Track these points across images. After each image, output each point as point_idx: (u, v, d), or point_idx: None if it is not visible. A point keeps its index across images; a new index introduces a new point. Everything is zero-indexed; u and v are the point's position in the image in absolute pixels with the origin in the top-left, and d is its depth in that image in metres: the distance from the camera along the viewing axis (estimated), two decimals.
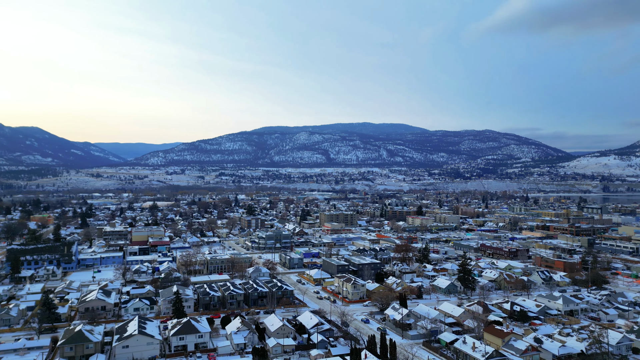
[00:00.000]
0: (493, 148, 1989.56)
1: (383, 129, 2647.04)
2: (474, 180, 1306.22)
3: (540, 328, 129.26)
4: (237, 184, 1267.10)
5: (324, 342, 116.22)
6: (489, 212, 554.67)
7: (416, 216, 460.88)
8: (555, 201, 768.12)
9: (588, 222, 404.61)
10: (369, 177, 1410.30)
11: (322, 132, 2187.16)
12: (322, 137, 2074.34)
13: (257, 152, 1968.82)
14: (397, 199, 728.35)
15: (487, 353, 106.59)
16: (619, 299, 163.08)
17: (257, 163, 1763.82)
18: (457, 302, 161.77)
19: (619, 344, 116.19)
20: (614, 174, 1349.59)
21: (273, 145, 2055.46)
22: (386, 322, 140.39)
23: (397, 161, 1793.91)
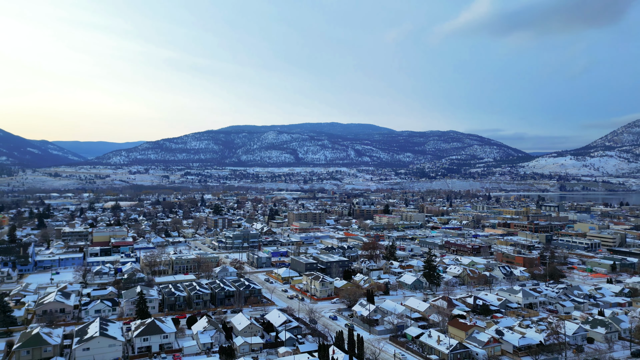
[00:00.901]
0: (457, 148, 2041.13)
1: (351, 129, 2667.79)
2: (439, 180, 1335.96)
3: (502, 321, 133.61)
4: (203, 184, 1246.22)
5: (292, 340, 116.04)
6: (453, 210, 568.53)
7: (383, 215, 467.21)
8: (516, 200, 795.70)
9: (546, 220, 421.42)
10: (337, 176, 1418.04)
11: (290, 132, 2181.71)
12: (291, 136, 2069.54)
13: (224, 152, 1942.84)
14: (364, 198, 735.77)
15: (452, 345, 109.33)
16: (575, 292, 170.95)
17: (224, 162, 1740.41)
18: (422, 297, 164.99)
19: (575, 334, 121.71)
20: (570, 174, 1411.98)
21: (240, 144, 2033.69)
22: (354, 318, 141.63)
23: (364, 161, 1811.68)
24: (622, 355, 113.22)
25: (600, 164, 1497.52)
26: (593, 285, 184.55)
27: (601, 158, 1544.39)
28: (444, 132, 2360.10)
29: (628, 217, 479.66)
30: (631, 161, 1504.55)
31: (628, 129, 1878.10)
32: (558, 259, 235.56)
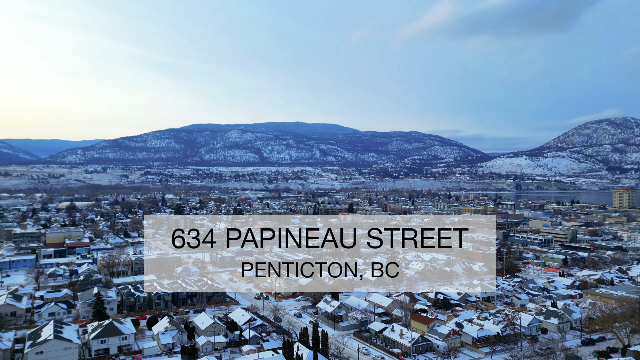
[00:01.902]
0: (419, 149, 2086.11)
1: (316, 128, 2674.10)
2: (402, 179, 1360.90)
3: (461, 314, 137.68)
4: (164, 183, 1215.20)
5: (256, 338, 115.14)
6: (415, 209, 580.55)
7: (348, 213, 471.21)
8: (475, 198, 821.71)
9: (503, 217, 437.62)
10: (303, 176, 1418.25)
11: (255, 131, 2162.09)
12: (255, 135, 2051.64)
13: (186, 151, 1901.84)
14: (329, 197, 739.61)
15: (414, 339, 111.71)
16: (530, 285, 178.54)
17: (186, 162, 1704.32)
18: (386, 293, 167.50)
19: (529, 325, 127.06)
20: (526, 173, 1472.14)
21: (203, 143, 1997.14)
22: (318, 315, 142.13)
23: (329, 160, 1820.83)
24: (573, 344, 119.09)
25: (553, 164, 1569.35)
26: (547, 279, 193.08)
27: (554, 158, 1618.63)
28: (407, 132, 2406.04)
29: (579, 215, 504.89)
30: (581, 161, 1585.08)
31: (579, 131, 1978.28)
32: (514, 254, 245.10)
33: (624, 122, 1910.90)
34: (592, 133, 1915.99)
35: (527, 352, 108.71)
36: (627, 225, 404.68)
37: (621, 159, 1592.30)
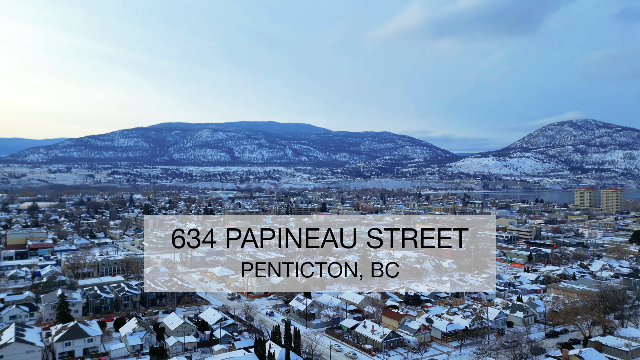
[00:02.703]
0: (390, 149, 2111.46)
1: (288, 128, 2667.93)
2: (373, 179, 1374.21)
3: (431, 309, 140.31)
4: (132, 183, 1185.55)
5: (227, 337, 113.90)
6: (387, 208, 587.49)
7: (320, 213, 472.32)
8: (444, 197, 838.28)
9: (471, 215, 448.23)
10: (275, 175, 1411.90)
11: (226, 130, 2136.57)
12: (227, 135, 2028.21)
13: (154, 150, 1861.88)
14: (302, 197, 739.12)
15: (385, 334, 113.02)
16: (497, 280, 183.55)
17: (154, 161, 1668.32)
18: (358, 290, 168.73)
19: (496, 319, 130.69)
20: (493, 173, 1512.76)
21: (173, 142, 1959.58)
22: (291, 313, 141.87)
23: (302, 160, 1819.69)
24: (538, 337, 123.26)
25: (519, 164, 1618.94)
26: (512, 274, 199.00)
27: (519, 159, 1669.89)
28: (378, 132, 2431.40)
29: (543, 213, 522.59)
30: (545, 162, 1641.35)
31: (543, 132, 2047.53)
32: (482, 251, 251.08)
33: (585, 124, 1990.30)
34: (555, 134, 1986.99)
35: (494, 345, 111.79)
36: (588, 223, 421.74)
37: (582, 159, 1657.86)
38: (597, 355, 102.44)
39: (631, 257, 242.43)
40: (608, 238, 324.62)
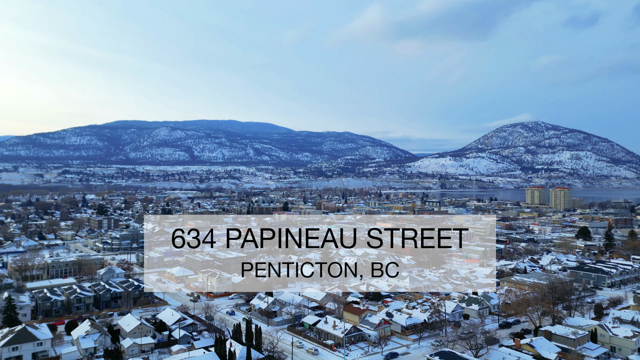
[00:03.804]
0: (352, 149, 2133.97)
1: (250, 127, 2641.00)
2: (335, 179, 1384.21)
3: (391, 304, 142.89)
4: (85, 183, 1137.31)
5: (186, 337, 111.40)
6: (348, 207, 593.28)
7: (282, 212, 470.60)
8: (403, 196, 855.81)
9: (429, 214, 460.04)
10: (236, 175, 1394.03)
11: (185, 129, 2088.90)
12: (186, 133, 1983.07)
13: (109, 148, 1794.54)
14: (264, 197, 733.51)
15: (346, 329, 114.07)
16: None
17: (109, 160, 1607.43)
18: (320, 287, 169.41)
19: (453, 312, 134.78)
20: (450, 173, 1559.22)
21: (129, 140, 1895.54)
22: (252, 312, 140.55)
23: (264, 160, 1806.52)
24: (492, 327, 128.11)
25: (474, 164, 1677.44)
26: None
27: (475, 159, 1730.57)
28: (340, 133, 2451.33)
29: (496, 211, 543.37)
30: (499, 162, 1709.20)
31: (496, 134, 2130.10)
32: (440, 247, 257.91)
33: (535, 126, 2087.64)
34: (508, 136, 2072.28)
35: (451, 336, 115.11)
36: (538, 220, 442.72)
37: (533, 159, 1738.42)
38: (546, 343, 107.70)
39: (577, 252, 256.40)
40: (556, 234, 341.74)
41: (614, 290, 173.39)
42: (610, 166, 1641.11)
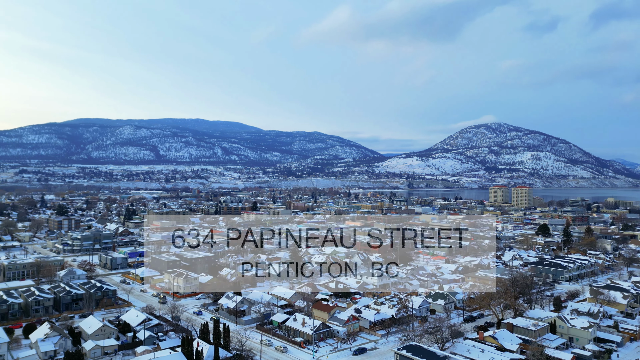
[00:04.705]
0: (321, 149, 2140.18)
1: (218, 126, 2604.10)
2: (305, 178, 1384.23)
3: (360, 301, 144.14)
4: (44, 183, 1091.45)
5: (152, 338, 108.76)
6: (318, 206, 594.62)
7: (251, 212, 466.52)
8: (372, 196, 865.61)
9: (397, 212, 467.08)
10: (203, 175, 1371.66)
11: (150, 127, 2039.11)
12: (151, 132, 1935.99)
13: (70, 147, 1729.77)
14: (232, 197, 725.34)
15: (315, 326, 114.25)
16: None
17: (70, 159, 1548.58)
18: (289, 286, 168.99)
19: (420, 307, 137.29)
20: (417, 173, 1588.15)
21: (91, 139, 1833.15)
22: (220, 311, 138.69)
23: (232, 159, 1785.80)
24: (457, 321, 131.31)
25: (440, 164, 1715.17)
26: (435, 266, 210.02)
27: (441, 159, 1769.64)
28: (310, 132, 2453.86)
29: (461, 209, 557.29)
30: (464, 162, 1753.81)
31: (462, 135, 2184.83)
32: (407, 245, 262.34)
33: (498, 127, 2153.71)
34: (473, 136, 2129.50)
35: (418, 331, 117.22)
36: (501, 218, 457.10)
37: (496, 160, 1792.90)
38: (509, 335, 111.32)
39: (538, 248, 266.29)
40: (518, 231, 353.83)
41: (572, 284, 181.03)
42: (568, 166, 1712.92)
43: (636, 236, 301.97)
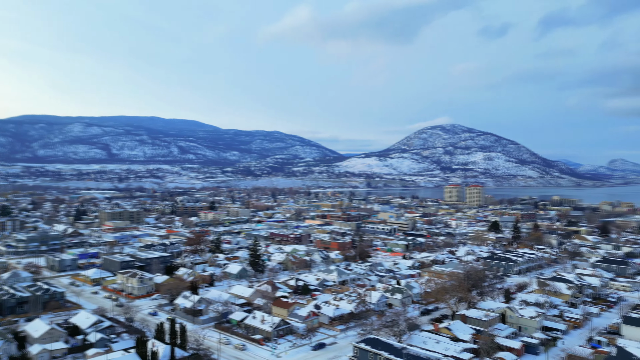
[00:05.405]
0: (281, 148, 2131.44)
1: (174, 124, 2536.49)
2: (265, 178, 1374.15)
3: (319, 297, 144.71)
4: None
5: (104, 340, 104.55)
6: (278, 205, 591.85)
7: (209, 211, 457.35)
8: (332, 195, 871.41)
9: (356, 211, 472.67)
10: (159, 174, 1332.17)
11: (102, 125, 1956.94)
12: (103, 130, 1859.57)
13: (14, 145, 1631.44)
14: (189, 197, 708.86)
15: (275, 323, 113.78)
16: (379, 267, 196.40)
17: (14, 158, 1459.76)
18: (248, 284, 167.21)
19: (378, 301, 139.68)
20: (375, 173, 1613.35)
21: (37, 137, 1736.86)
22: (177, 311, 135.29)
23: (189, 158, 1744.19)
24: (414, 315, 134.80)
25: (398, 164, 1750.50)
26: (392, 262, 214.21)
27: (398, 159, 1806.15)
28: (269, 132, 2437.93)
29: (418, 207, 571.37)
30: (420, 162, 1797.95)
31: (418, 135, 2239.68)
32: (366, 242, 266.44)
33: (453, 129, 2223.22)
34: (429, 137, 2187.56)
35: (376, 325, 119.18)
36: (455, 215, 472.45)
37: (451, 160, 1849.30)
38: (462, 326, 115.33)
39: (489, 243, 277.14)
40: (471, 228, 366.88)
41: (521, 277, 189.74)
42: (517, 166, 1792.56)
43: (579, 232, 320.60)
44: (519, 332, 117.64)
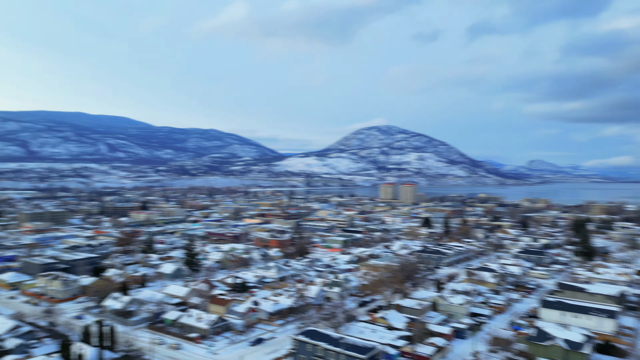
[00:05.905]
0: (218, 147, 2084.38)
1: (102, 120, 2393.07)
2: (201, 177, 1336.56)
3: (258, 293, 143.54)
4: None
5: (23, 346, 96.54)
6: (215, 205, 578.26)
7: (141, 211, 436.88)
8: (272, 194, 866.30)
9: (295, 209, 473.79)
10: (85, 173, 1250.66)
11: (20, 120, 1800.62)
12: (21, 125, 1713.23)
13: None
14: (119, 196, 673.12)
15: (212, 320, 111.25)
16: (318, 263, 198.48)
17: None
18: (184, 284, 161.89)
19: (317, 295, 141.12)
20: (314, 172, 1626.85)
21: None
22: (105, 313, 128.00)
23: (119, 157, 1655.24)
24: (352, 307, 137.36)
25: (336, 163, 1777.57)
26: (331, 257, 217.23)
27: (337, 159, 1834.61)
28: (205, 130, 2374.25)
29: (355, 205, 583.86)
30: (357, 162, 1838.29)
31: (355, 136, 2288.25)
32: (305, 239, 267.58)
33: (388, 130, 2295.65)
34: (366, 138, 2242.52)
35: (315, 318, 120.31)
36: (390, 212, 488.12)
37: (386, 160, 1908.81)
38: (397, 315, 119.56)
39: (422, 238, 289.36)
40: (405, 224, 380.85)
41: (451, 268, 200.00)
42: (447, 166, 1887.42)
43: (502, 226, 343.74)
44: (449, 319, 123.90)
